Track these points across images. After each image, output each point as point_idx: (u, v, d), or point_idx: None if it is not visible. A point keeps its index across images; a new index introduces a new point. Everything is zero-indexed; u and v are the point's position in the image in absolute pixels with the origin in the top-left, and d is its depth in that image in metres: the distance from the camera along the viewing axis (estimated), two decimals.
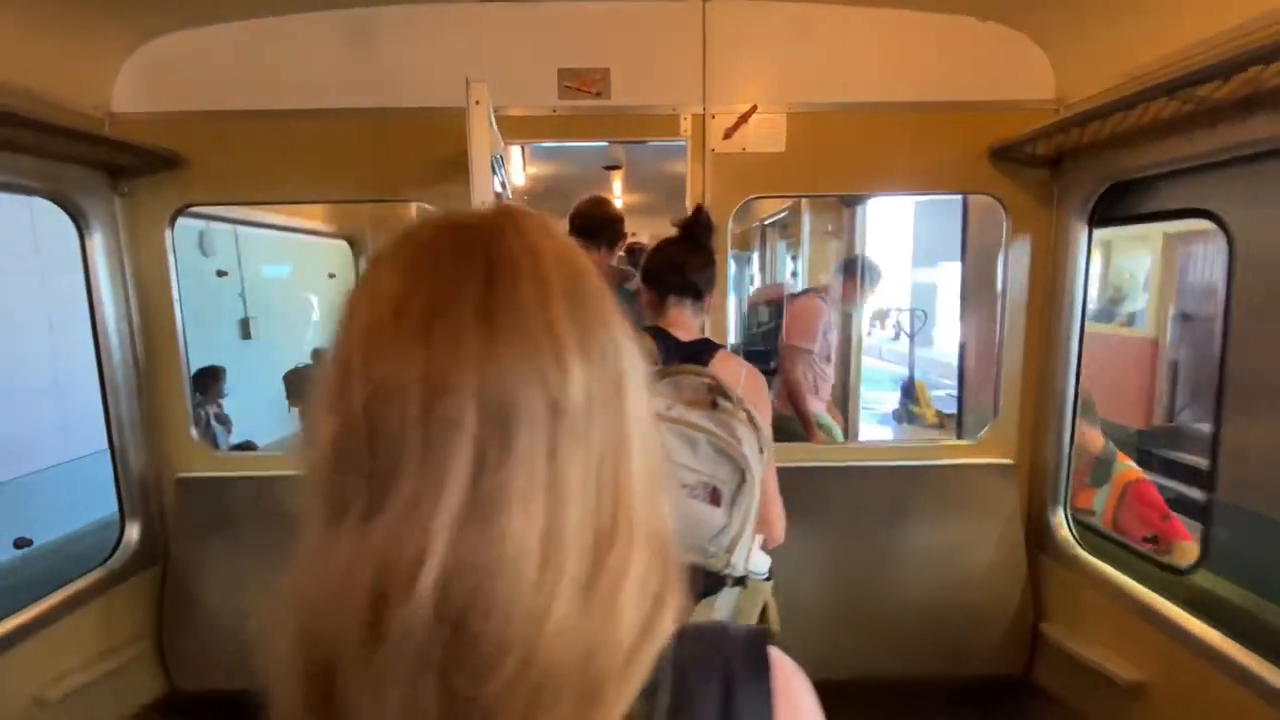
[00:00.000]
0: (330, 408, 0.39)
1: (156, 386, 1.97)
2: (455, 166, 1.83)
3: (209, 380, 4.41)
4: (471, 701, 0.36)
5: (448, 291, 0.39)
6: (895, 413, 7.19)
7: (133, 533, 1.97)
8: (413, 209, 3.54)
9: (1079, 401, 1.88)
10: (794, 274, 3.85)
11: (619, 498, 0.41)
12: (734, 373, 1.33)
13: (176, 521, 2.02)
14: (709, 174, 1.86)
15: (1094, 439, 2.15)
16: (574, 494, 0.39)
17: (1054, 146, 1.81)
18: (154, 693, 2.00)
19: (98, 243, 1.84)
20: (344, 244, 3.48)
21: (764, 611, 1.35)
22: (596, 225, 2.25)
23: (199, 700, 2.02)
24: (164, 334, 1.96)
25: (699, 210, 1.49)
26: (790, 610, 1.43)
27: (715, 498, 1.05)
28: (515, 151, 3.72)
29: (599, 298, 0.43)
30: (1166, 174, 1.61)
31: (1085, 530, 1.94)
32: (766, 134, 1.86)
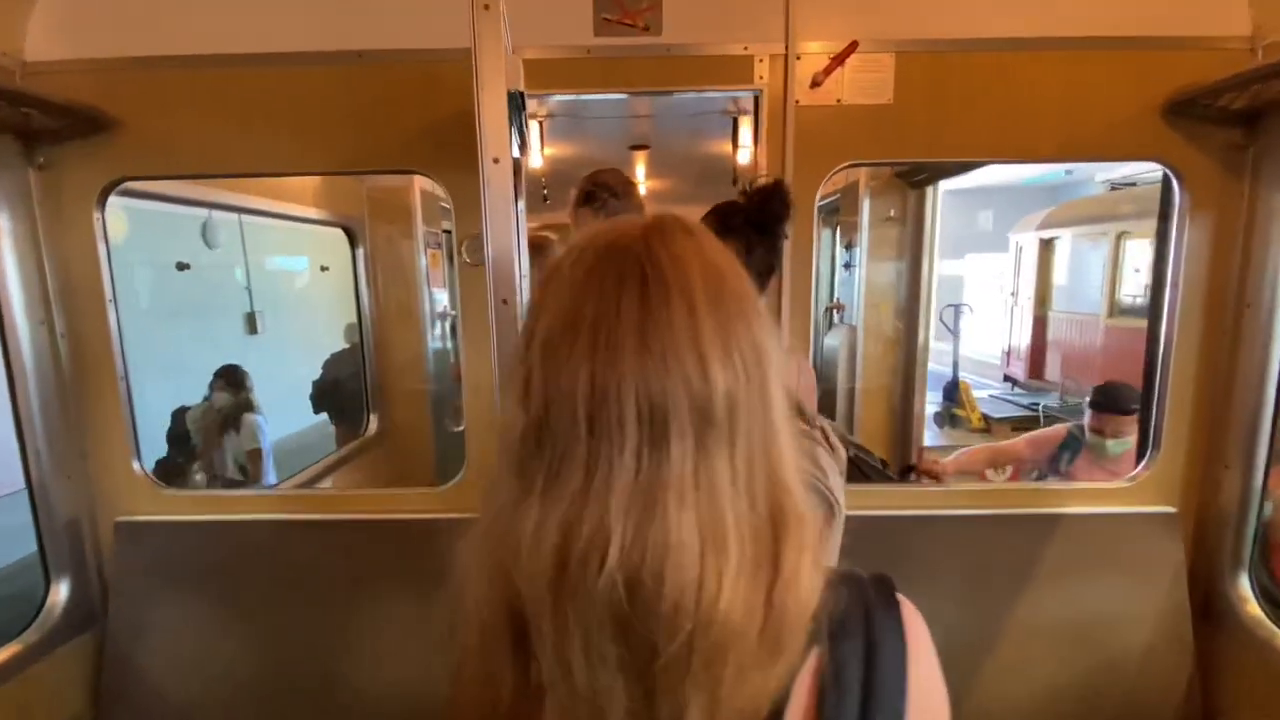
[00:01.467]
0: (520, 402, 0.48)
1: (87, 407, 1.57)
2: (463, 126, 1.41)
3: (225, 381, 4.05)
4: (654, 653, 0.44)
5: (609, 309, 0.46)
6: (936, 416, 6.74)
7: (60, 592, 1.57)
8: (416, 187, 3.17)
9: None
10: (847, 266, 3.39)
11: (778, 492, 0.48)
12: (793, 375, 1.31)
13: (116, 575, 1.62)
14: (791, 134, 1.42)
15: None
16: (724, 491, 0.45)
17: (1251, 99, 1.35)
18: None
19: (5, 227, 1.44)
20: (340, 232, 3.06)
21: None
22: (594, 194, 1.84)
23: None
24: (95, 341, 1.55)
25: (780, 185, 1.21)
26: None
27: None
28: (533, 128, 3.29)
29: (741, 302, 0.48)
30: None
31: None
32: (869, 81, 1.41)
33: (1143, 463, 1.59)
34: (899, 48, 1.40)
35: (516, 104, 0.94)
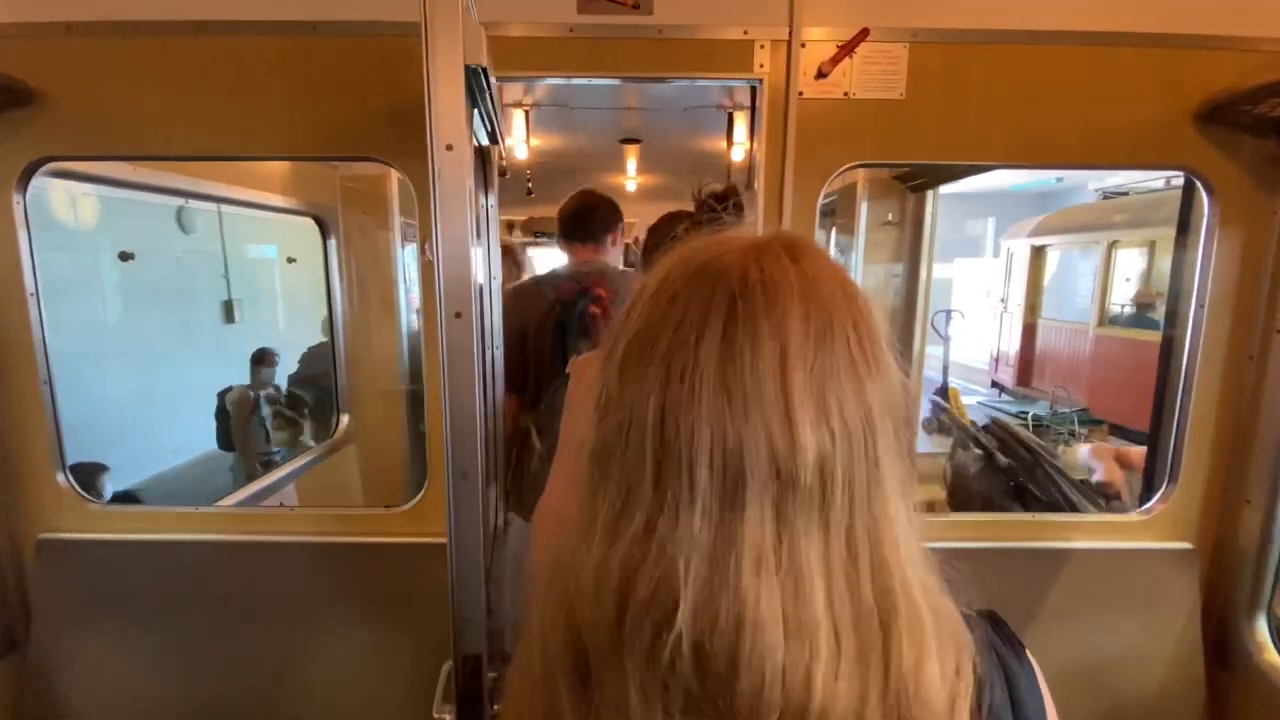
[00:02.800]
0: (594, 422, 0.44)
1: (5, 412, 1.41)
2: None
3: (256, 364, 3.91)
4: None
5: (688, 340, 0.40)
6: (925, 422, 6.67)
7: None
8: (393, 175, 2.99)
9: None
10: None
11: (887, 575, 0.41)
12: None
13: (39, 597, 1.47)
14: (793, 129, 1.29)
15: None
16: (813, 570, 0.39)
17: None
18: None
19: None
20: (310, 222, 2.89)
21: None
22: (590, 215, 1.96)
23: None
24: (15, 339, 1.39)
25: (733, 190, 1.12)
26: None
27: None
28: (518, 117, 3.14)
29: (852, 349, 0.41)
30: None
31: None
32: (880, 73, 1.28)
33: (1158, 495, 1.48)
34: (913, 38, 1.28)
35: (479, 82, 0.81)
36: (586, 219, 1.97)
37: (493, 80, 0.87)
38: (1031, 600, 1.46)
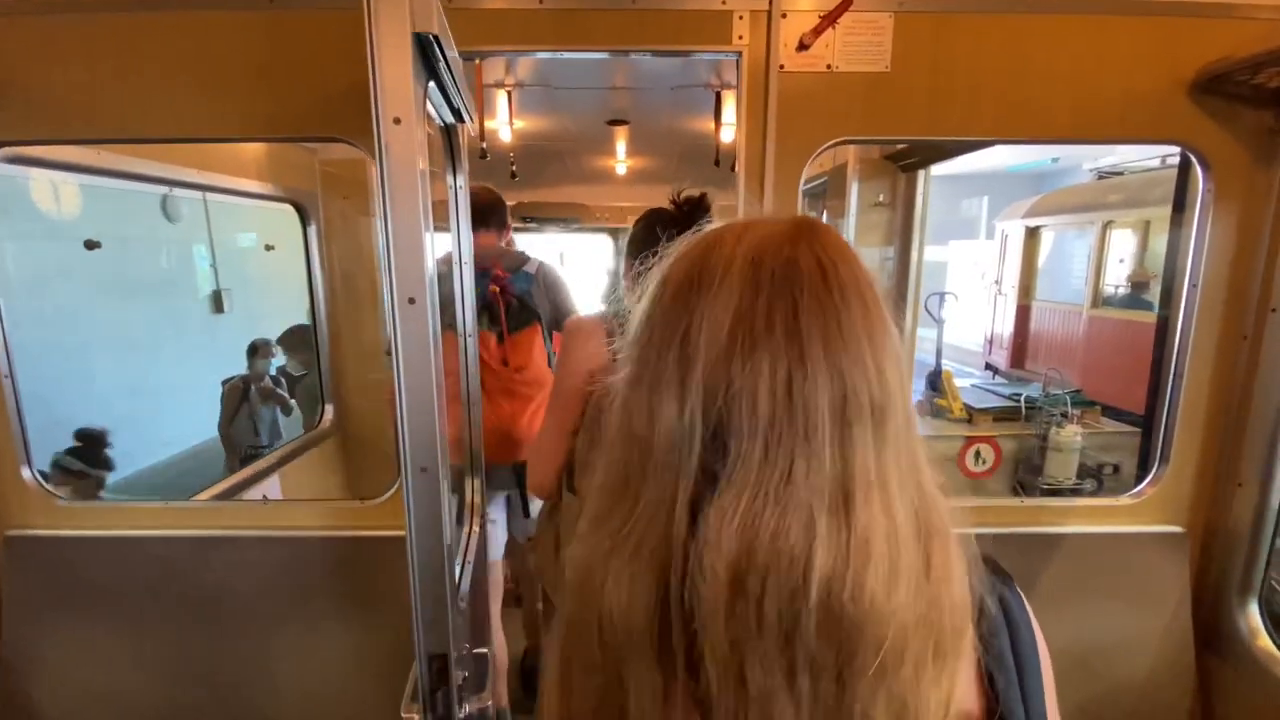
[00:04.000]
0: (671, 395, 0.46)
1: None
2: None
3: (252, 355, 3.82)
4: (849, 657, 0.44)
5: (788, 308, 0.46)
6: (918, 405, 6.65)
7: None
8: (373, 171, 2.93)
9: None
10: None
11: (925, 497, 0.48)
12: None
13: (9, 595, 1.43)
14: (774, 104, 1.23)
15: None
16: (895, 488, 0.46)
17: None
18: None
19: None
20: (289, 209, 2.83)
21: None
22: (487, 208, 2.25)
23: None
24: None
25: (704, 196, 1.31)
26: None
27: None
28: (501, 98, 3.07)
29: (886, 301, 0.49)
30: None
31: None
32: (863, 45, 1.23)
33: (1149, 478, 1.46)
34: (899, 7, 1.22)
35: (433, 52, 0.76)
36: (494, 212, 2.29)
37: (450, 52, 0.82)
38: (1023, 585, 1.43)
